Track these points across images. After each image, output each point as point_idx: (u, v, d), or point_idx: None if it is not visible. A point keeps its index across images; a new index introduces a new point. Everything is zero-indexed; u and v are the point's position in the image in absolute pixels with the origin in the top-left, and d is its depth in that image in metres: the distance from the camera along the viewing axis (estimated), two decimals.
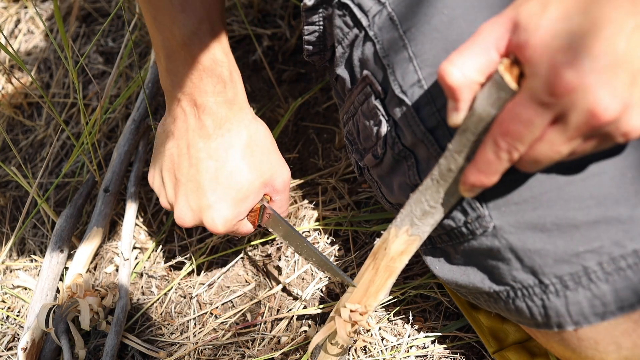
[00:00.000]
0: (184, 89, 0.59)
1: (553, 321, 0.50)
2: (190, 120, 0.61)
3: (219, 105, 0.60)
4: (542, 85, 0.38)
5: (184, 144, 0.62)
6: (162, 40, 0.58)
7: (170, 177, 0.65)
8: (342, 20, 0.59)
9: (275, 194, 0.66)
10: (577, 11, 0.38)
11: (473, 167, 0.44)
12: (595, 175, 0.46)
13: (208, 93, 0.59)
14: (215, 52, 0.57)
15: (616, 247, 0.46)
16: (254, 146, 0.62)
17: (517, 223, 0.49)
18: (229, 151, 0.61)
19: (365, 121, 0.60)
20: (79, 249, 0.82)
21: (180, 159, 0.63)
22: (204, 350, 0.73)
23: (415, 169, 0.55)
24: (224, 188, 0.62)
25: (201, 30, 0.56)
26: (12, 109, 1.05)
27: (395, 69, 0.54)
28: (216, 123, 0.60)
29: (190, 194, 0.63)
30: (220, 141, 0.61)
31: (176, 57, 0.58)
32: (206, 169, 0.61)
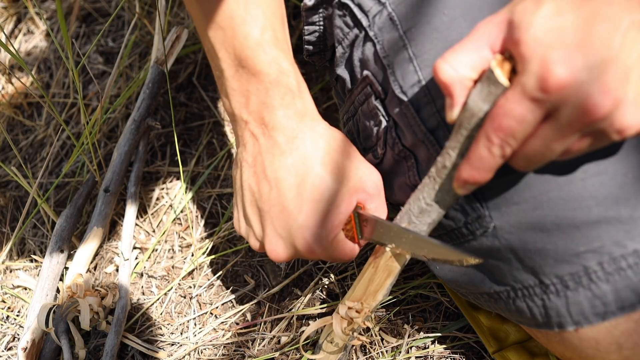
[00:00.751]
0: (250, 107, 0.54)
1: (554, 321, 0.50)
2: (261, 141, 0.55)
3: (289, 118, 0.54)
4: (533, 81, 0.38)
5: (259, 168, 0.56)
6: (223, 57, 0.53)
7: (253, 211, 0.57)
8: (342, 21, 0.59)
9: (369, 201, 0.57)
10: (570, 8, 0.38)
11: (466, 163, 0.44)
12: (596, 175, 0.46)
13: (275, 107, 0.54)
14: (281, 61, 0.53)
15: (617, 247, 0.46)
16: (333, 153, 0.55)
17: (518, 223, 0.49)
18: (307, 163, 0.54)
19: (366, 121, 0.59)
20: (79, 249, 0.82)
21: (260, 185, 0.56)
22: (204, 350, 0.73)
23: (415, 169, 0.55)
24: (310, 202, 0.54)
25: (264, 40, 0.52)
26: (12, 109, 1.05)
27: (395, 69, 0.53)
28: (288, 137, 0.54)
29: (277, 221, 0.55)
30: (295, 155, 0.54)
31: (240, 74, 0.53)
32: (287, 188, 0.54)
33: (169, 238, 0.86)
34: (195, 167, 0.91)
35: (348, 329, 0.60)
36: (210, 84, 1.00)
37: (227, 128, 0.94)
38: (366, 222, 0.57)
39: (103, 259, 0.85)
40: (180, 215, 0.87)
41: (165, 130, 0.96)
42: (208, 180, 0.89)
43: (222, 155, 0.91)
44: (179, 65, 1.02)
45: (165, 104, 0.98)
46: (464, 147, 0.45)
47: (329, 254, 0.57)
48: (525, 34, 0.39)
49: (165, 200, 0.89)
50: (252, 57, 0.52)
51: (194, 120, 0.96)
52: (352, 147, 0.57)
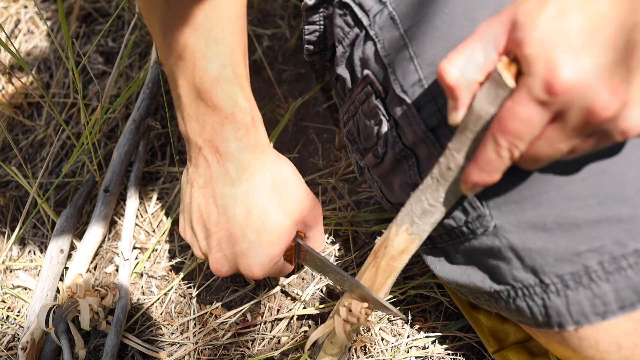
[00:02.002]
0: (204, 135, 0.57)
1: (554, 321, 0.50)
2: (213, 167, 0.59)
3: (241, 150, 0.58)
4: (539, 84, 0.38)
5: (209, 193, 0.60)
6: (182, 87, 0.56)
7: (200, 228, 0.63)
8: (343, 20, 0.59)
9: (308, 230, 0.65)
10: (574, 9, 0.38)
11: (474, 165, 0.44)
12: (597, 174, 0.46)
13: (230, 140, 0.57)
14: (238, 98, 0.56)
15: (617, 247, 0.46)
16: (279, 186, 0.60)
17: (518, 222, 0.49)
18: (255, 195, 0.59)
19: (366, 120, 0.60)
20: (79, 249, 0.82)
21: (208, 208, 0.61)
22: (204, 350, 0.73)
23: (416, 169, 0.55)
24: (256, 233, 0.60)
25: (222, 77, 0.54)
26: (12, 109, 1.05)
27: (396, 68, 0.54)
28: (239, 168, 0.58)
29: (223, 243, 0.61)
30: (245, 186, 0.59)
31: (197, 103, 0.56)
32: (235, 216, 0.59)
33: (169, 238, 0.86)
34: None
35: (350, 330, 0.60)
36: None
37: None
38: (304, 251, 0.65)
39: (103, 259, 0.85)
40: None
41: (165, 130, 0.96)
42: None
43: None
44: None
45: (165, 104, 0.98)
46: (470, 149, 0.45)
47: (268, 275, 0.64)
48: (530, 35, 0.38)
49: (165, 200, 0.89)
50: (209, 92, 0.54)
51: None
52: (298, 178, 0.63)
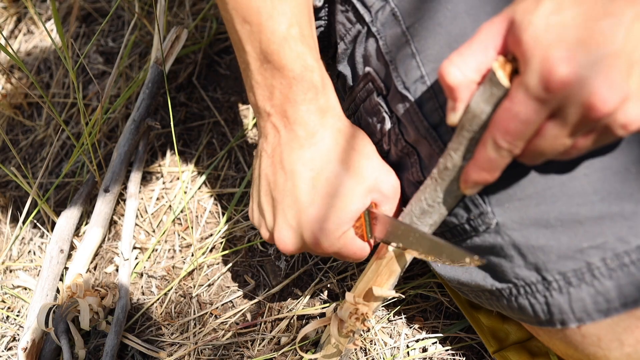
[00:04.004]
0: (273, 100, 0.55)
1: (556, 318, 0.49)
2: (282, 134, 0.56)
3: (311, 113, 0.55)
4: (536, 81, 0.38)
5: (277, 159, 0.57)
6: (249, 51, 0.54)
7: (267, 200, 0.58)
8: (345, 16, 0.59)
9: (384, 202, 0.57)
10: (570, 4, 0.37)
11: (474, 165, 0.44)
12: (599, 170, 0.46)
13: (298, 102, 0.54)
14: (306, 58, 0.53)
15: (620, 243, 0.46)
16: (351, 151, 0.56)
17: (521, 219, 0.48)
18: (324, 158, 0.55)
19: (368, 118, 0.59)
20: (79, 249, 0.82)
21: (276, 176, 0.57)
22: (204, 351, 0.73)
23: (418, 166, 0.55)
24: (323, 197, 0.55)
25: (290, 35, 0.52)
26: (12, 109, 1.05)
27: (398, 65, 0.53)
28: (308, 132, 0.55)
29: (288, 211, 0.56)
30: (314, 150, 0.55)
31: (265, 68, 0.54)
32: (302, 180, 0.55)
33: (169, 238, 0.86)
34: (195, 167, 0.91)
35: (347, 330, 0.60)
36: (210, 84, 1.00)
37: (227, 128, 0.94)
38: (375, 220, 0.57)
39: (103, 259, 0.85)
40: (180, 215, 0.87)
41: (165, 130, 0.96)
42: (208, 180, 0.89)
43: (222, 155, 0.91)
44: (179, 65, 1.02)
45: (165, 104, 0.98)
46: (467, 149, 0.45)
47: (337, 250, 0.57)
48: (526, 33, 0.38)
49: (165, 200, 0.89)
50: (277, 52, 0.52)
51: (194, 120, 0.96)
52: (371, 147, 0.57)
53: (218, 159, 0.90)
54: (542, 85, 0.38)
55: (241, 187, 0.86)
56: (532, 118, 0.39)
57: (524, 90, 0.39)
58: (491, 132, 0.42)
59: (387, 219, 0.55)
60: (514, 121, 0.40)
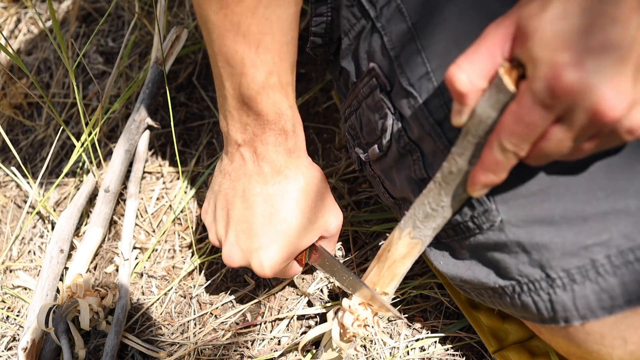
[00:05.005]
0: (245, 135, 0.59)
1: (560, 316, 0.49)
2: (248, 165, 0.61)
3: (279, 153, 0.59)
4: (543, 87, 0.38)
5: (240, 186, 0.62)
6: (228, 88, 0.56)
7: (222, 215, 0.64)
8: (350, 11, 0.59)
9: (326, 237, 0.66)
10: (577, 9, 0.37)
11: (480, 167, 0.44)
12: (604, 167, 0.46)
13: (269, 143, 0.59)
14: (281, 105, 0.57)
15: (625, 240, 0.46)
16: (309, 192, 0.62)
17: (525, 217, 0.48)
18: (284, 197, 0.60)
19: (370, 114, 0.59)
20: (79, 249, 0.82)
21: (235, 199, 0.62)
22: (204, 351, 0.73)
23: (421, 163, 0.54)
24: (276, 233, 0.61)
25: (269, 85, 0.55)
26: (12, 109, 1.05)
27: (402, 61, 0.53)
28: (274, 170, 0.60)
29: (241, 234, 0.62)
30: (277, 187, 0.60)
31: (241, 107, 0.57)
32: (260, 212, 0.61)
33: (169, 238, 0.86)
34: (195, 167, 0.91)
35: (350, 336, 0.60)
36: (210, 84, 1.00)
37: None
38: (315, 251, 0.66)
39: (103, 259, 0.85)
40: (180, 215, 0.87)
41: (165, 130, 0.96)
42: (208, 180, 0.89)
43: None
44: (179, 65, 1.02)
45: (165, 104, 0.98)
46: (472, 153, 0.45)
47: (277, 275, 0.65)
48: (532, 38, 0.38)
49: (165, 200, 0.89)
50: (254, 98, 0.55)
51: (194, 120, 0.96)
52: (326, 188, 0.64)
53: (218, 159, 0.90)
54: (548, 90, 0.38)
55: None
56: (538, 122, 0.39)
57: (530, 95, 0.39)
58: (497, 134, 0.42)
59: (324, 253, 0.65)
60: (520, 124, 0.40)
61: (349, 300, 0.60)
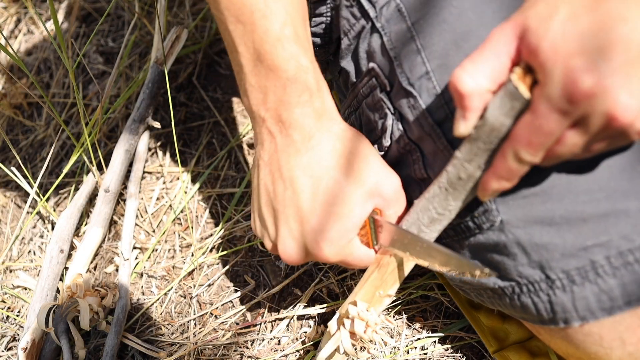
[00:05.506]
0: (267, 104, 0.53)
1: (559, 317, 0.49)
2: (277, 139, 0.54)
3: (306, 116, 0.53)
4: (559, 93, 0.37)
5: (275, 167, 0.55)
6: (242, 52, 0.52)
7: (268, 211, 0.57)
8: (349, 11, 0.59)
9: (387, 206, 0.55)
10: (585, 11, 0.37)
11: (493, 174, 0.44)
12: (605, 168, 0.46)
13: (292, 104, 0.53)
14: (300, 58, 0.52)
15: (624, 241, 0.46)
16: (348, 155, 0.54)
17: (525, 217, 0.48)
18: (322, 164, 0.53)
19: (370, 114, 0.59)
20: (79, 249, 0.82)
21: (275, 185, 0.55)
22: (204, 350, 0.73)
23: (421, 163, 0.54)
24: (324, 205, 0.53)
25: (284, 35, 0.51)
26: (12, 109, 1.05)
27: (402, 61, 0.53)
28: (304, 136, 0.53)
29: (291, 221, 0.54)
30: (311, 155, 0.53)
31: (258, 69, 0.52)
32: (302, 188, 0.53)
33: (169, 238, 0.86)
34: (195, 167, 0.91)
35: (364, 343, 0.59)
36: (210, 84, 1.00)
37: (227, 128, 0.94)
38: (381, 228, 0.55)
39: (103, 259, 0.85)
40: (180, 215, 0.87)
41: (165, 130, 0.96)
42: (208, 180, 0.89)
43: (222, 155, 0.91)
44: (179, 65, 1.02)
45: (165, 104, 0.98)
46: (484, 160, 0.45)
47: (343, 259, 0.55)
48: (543, 42, 0.38)
49: (165, 200, 0.89)
50: (270, 52, 0.51)
51: (194, 120, 0.96)
52: (370, 149, 0.56)
53: (218, 159, 0.90)
54: (565, 97, 0.37)
55: (241, 187, 0.86)
56: (554, 130, 0.39)
57: (546, 102, 0.38)
58: (512, 144, 0.41)
59: (391, 227, 0.54)
60: (537, 134, 0.40)
61: (355, 308, 0.57)
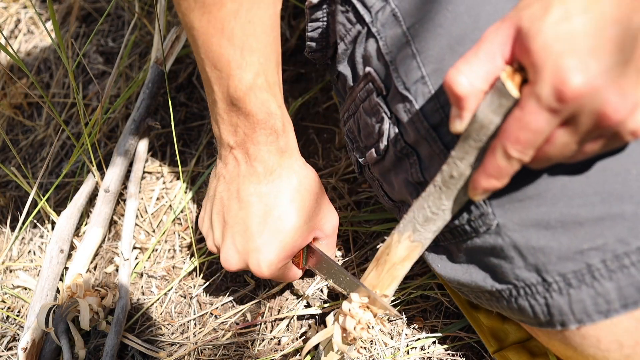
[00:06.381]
0: (237, 137, 0.60)
1: (556, 320, 0.49)
2: (241, 166, 0.62)
3: (271, 153, 0.60)
4: (549, 91, 0.38)
5: (234, 187, 0.63)
6: (217, 92, 0.58)
7: (219, 219, 0.65)
8: (345, 16, 0.59)
9: (323, 238, 0.67)
10: (578, 12, 0.37)
11: (483, 172, 0.44)
12: (600, 171, 0.46)
13: (260, 143, 0.59)
14: (270, 105, 0.58)
15: (620, 245, 0.46)
16: (303, 192, 0.62)
17: (521, 220, 0.48)
18: (278, 196, 0.61)
19: (367, 118, 0.59)
20: (79, 249, 0.82)
21: (230, 201, 0.63)
22: (204, 351, 0.73)
23: (418, 166, 0.55)
24: (272, 232, 0.61)
25: (256, 85, 0.56)
26: (12, 109, 1.05)
27: (398, 65, 0.53)
28: (267, 170, 0.61)
29: (237, 236, 0.63)
30: (270, 186, 0.61)
31: (231, 109, 0.58)
32: (255, 212, 0.62)
33: (169, 238, 0.86)
34: (195, 167, 0.91)
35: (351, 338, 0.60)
36: None
37: None
38: (312, 254, 0.66)
39: (103, 259, 0.85)
40: (180, 215, 0.87)
41: (165, 130, 0.96)
42: (208, 180, 0.89)
43: None
44: (179, 65, 1.02)
45: (165, 104, 0.98)
46: (474, 158, 0.45)
47: (275, 277, 0.65)
48: (535, 42, 0.38)
49: (165, 200, 0.89)
50: (243, 100, 0.57)
51: (194, 120, 0.96)
52: (320, 187, 0.65)
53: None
54: (555, 95, 0.37)
55: None
56: (543, 128, 0.39)
57: (535, 100, 0.39)
58: (501, 141, 0.41)
59: (321, 255, 0.65)
60: (525, 131, 0.40)
61: (348, 304, 0.59)
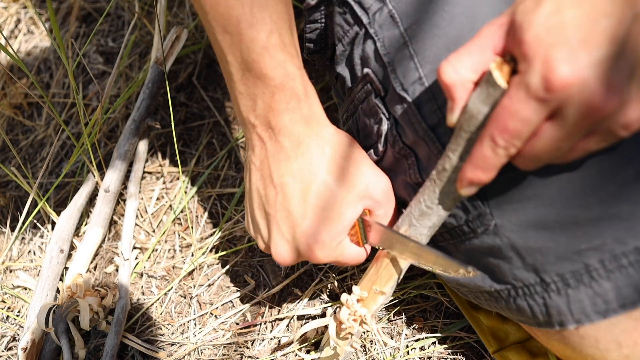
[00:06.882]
0: (257, 111, 0.54)
1: (555, 320, 0.50)
2: (268, 145, 0.56)
3: (295, 122, 0.54)
4: (537, 81, 0.38)
5: (266, 172, 0.57)
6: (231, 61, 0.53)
7: (261, 214, 0.59)
8: (343, 18, 0.59)
9: (377, 207, 0.58)
10: (570, 5, 0.37)
11: (469, 163, 0.44)
12: (596, 172, 0.46)
13: (281, 111, 0.54)
14: (287, 66, 0.53)
15: (618, 245, 0.46)
16: (338, 159, 0.56)
17: (519, 221, 0.48)
18: (312, 170, 0.55)
19: (366, 119, 0.59)
20: (79, 249, 0.82)
21: (266, 190, 0.57)
22: (204, 351, 0.73)
23: (416, 167, 0.55)
24: (315, 210, 0.55)
25: (271, 44, 0.51)
26: (12, 109, 1.05)
27: (396, 66, 0.53)
28: (294, 142, 0.55)
29: (282, 225, 0.57)
30: (301, 161, 0.55)
31: (247, 77, 0.53)
32: (292, 193, 0.55)
33: (169, 238, 0.86)
34: (195, 167, 0.91)
35: (345, 332, 0.60)
36: (210, 84, 1.00)
37: (227, 128, 0.94)
38: (369, 227, 0.58)
39: (103, 259, 0.85)
40: (180, 215, 0.87)
41: (165, 130, 0.96)
42: (208, 180, 0.89)
43: (222, 155, 0.91)
44: (179, 65, 1.02)
45: (165, 104, 0.98)
46: (464, 149, 0.45)
47: (334, 259, 0.58)
48: (527, 34, 0.38)
49: (165, 200, 0.89)
50: (257, 61, 0.52)
51: (194, 120, 0.96)
52: (359, 152, 0.57)
53: (218, 159, 0.91)
54: (543, 85, 0.38)
55: (241, 187, 0.86)
56: (531, 117, 0.39)
57: (524, 90, 0.39)
58: (489, 129, 0.41)
59: (379, 227, 0.56)
60: (513, 119, 0.40)
61: (347, 295, 0.60)
